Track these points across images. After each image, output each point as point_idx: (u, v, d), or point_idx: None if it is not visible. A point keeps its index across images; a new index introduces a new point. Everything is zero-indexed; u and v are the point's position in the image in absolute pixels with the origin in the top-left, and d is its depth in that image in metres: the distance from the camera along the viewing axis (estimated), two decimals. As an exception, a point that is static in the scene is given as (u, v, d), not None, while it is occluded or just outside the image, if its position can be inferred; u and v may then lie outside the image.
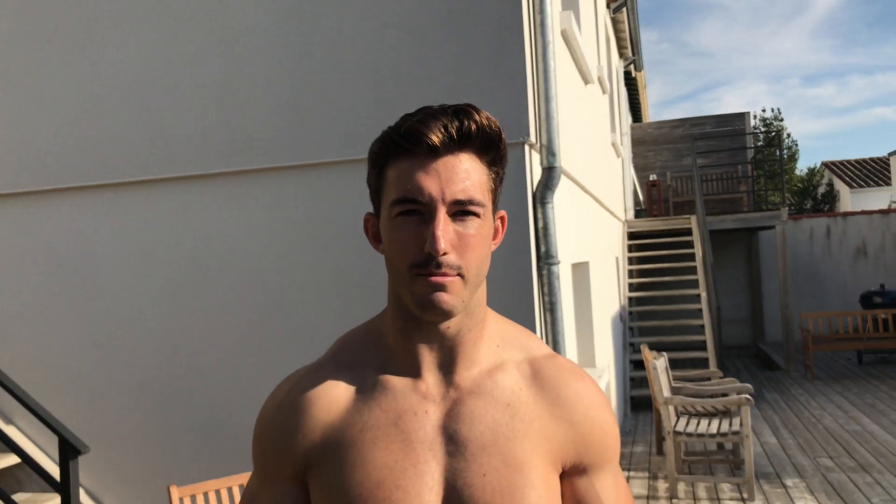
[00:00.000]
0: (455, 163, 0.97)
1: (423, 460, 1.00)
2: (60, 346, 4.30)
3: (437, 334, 1.03)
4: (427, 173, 0.96)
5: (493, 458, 1.00)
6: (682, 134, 15.72)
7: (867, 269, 14.02)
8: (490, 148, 1.01)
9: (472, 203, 0.97)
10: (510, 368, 1.07)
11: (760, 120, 28.32)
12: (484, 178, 1.00)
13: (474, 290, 1.00)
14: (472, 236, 0.97)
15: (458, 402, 1.03)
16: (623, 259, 10.20)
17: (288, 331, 3.96)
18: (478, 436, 1.01)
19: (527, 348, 1.11)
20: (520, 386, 1.05)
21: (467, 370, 1.05)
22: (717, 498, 5.64)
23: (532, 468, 1.01)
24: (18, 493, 4.21)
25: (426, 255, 0.95)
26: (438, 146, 0.96)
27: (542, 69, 3.80)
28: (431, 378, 1.04)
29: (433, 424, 1.02)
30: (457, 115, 0.98)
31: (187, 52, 4.10)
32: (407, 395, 1.03)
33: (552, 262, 3.70)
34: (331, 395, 1.05)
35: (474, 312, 1.04)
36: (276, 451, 1.05)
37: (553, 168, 3.77)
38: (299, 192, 3.97)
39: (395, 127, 0.99)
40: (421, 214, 0.96)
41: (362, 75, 3.86)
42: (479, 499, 0.98)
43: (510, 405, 1.03)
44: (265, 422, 1.08)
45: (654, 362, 6.19)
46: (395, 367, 1.05)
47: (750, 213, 11.63)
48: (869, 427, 7.59)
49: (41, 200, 4.35)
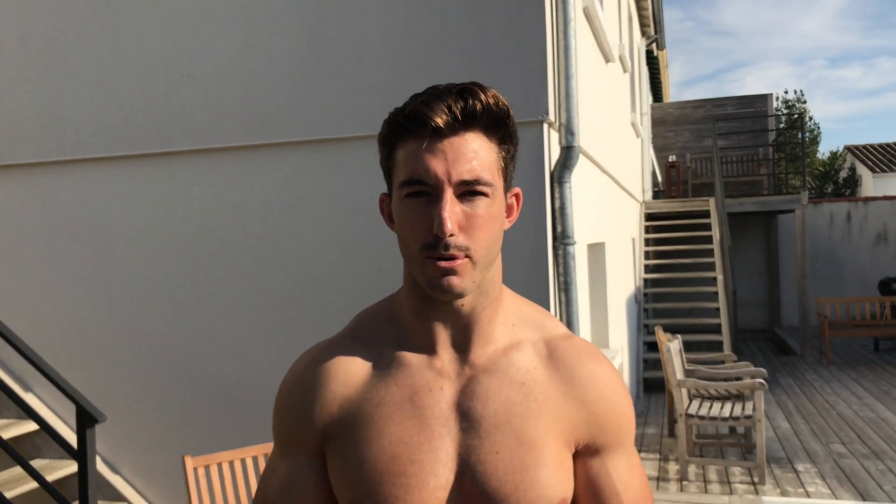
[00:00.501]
0: (461, 143, 0.97)
1: (438, 436, 1.01)
2: (77, 316, 4.34)
3: (451, 312, 1.03)
4: (433, 154, 0.96)
5: (507, 435, 1.01)
6: (703, 115, 15.55)
7: (887, 256, 13.87)
8: (498, 126, 1.00)
9: (479, 183, 0.96)
10: (526, 347, 1.07)
11: (783, 102, 27.97)
12: (493, 157, 0.99)
13: (485, 269, 1.00)
14: (481, 216, 0.97)
15: (472, 380, 1.04)
16: (639, 240, 10.14)
17: (302, 304, 3.98)
18: (492, 413, 1.02)
19: (543, 328, 1.10)
20: (535, 365, 1.06)
21: (482, 348, 1.05)
22: (728, 481, 5.64)
23: (545, 447, 1.02)
24: (36, 458, 4.29)
25: (434, 237, 0.95)
26: (443, 127, 0.96)
27: (563, 47, 3.75)
28: (447, 355, 1.05)
29: (448, 401, 1.03)
30: (461, 94, 0.97)
31: (205, 26, 4.09)
32: (422, 371, 1.04)
33: (568, 243, 3.68)
34: (348, 370, 1.06)
35: (489, 290, 1.04)
36: (295, 423, 1.07)
37: (571, 147, 3.74)
38: (314, 167, 3.96)
39: (401, 108, 0.99)
40: (428, 195, 0.96)
41: (379, 51, 3.84)
42: (492, 475, 0.99)
43: (524, 384, 1.04)
44: (284, 395, 1.10)
45: (667, 344, 6.18)
46: (411, 344, 1.06)
47: (770, 197, 11.51)
48: (883, 414, 7.55)
49: (60, 171, 4.38)
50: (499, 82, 3.62)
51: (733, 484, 5.58)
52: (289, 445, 1.08)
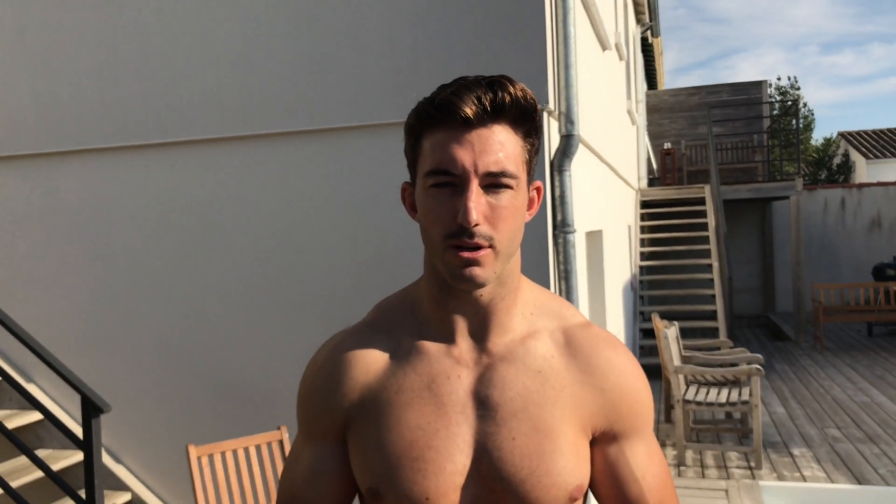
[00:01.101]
0: (489, 135, 0.98)
1: (455, 423, 1.03)
2: (79, 306, 4.35)
3: (470, 302, 1.05)
4: (461, 145, 0.97)
5: (523, 423, 1.03)
6: (697, 102, 15.56)
7: (881, 242, 13.94)
8: (525, 119, 1.01)
9: (504, 175, 0.97)
10: (543, 336, 1.08)
11: (776, 88, 27.98)
12: (518, 150, 1.01)
13: (506, 261, 1.01)
14: (505, 208, 0.98)
15: (490, 368, 1.05)
16: (635, 227, 10.18)
17: (303, 293, 4.00)
18: (508, 401, 1.03)
19: (561, 316, 1.12)
20: (552, 353, 1.07)
21: (500, 337, 1.07)
22: (725, 466, 5.70)
23: (561, 434, 1.03)
24: (39, 449, 4.30)
25: (458, 226, 0.96)
26: (472, 118, 0.96)
27: (563, 35, 3.76)
28: (465, 344, 1.07)
29: (465, 389, 1.05)
30: (491, 86, 0.98)
31: (204, 17, 4.08)
32: (440, 359, 1.06)
33: (568, 231, 3.70)
34: (369, 358, 1.09)
35: (507, 281, 1.06)
36: (318, 410, 1.10)
37: (571, 136, 3.75)
38: (314, 157, 3.97)
39: (429, 98, 1.00)
40: (454, 186, 0.98)
41: (378, 41, 3.84)
42: (508, 461, 1.01)
43: (541, 372, 1.05)
44: (308, 383, 1.13)
45: (664, 331, 6.22)
46: (430, 332, 1.08)
47: (764, 183, 11.55)
48: (877, 398, 7.63)
49: (60, 162, 4.37)
50: (499, 71, 3.63)
51: (730, 469, 5.64)
52: (313, 432, 1.11)
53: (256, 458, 3.29)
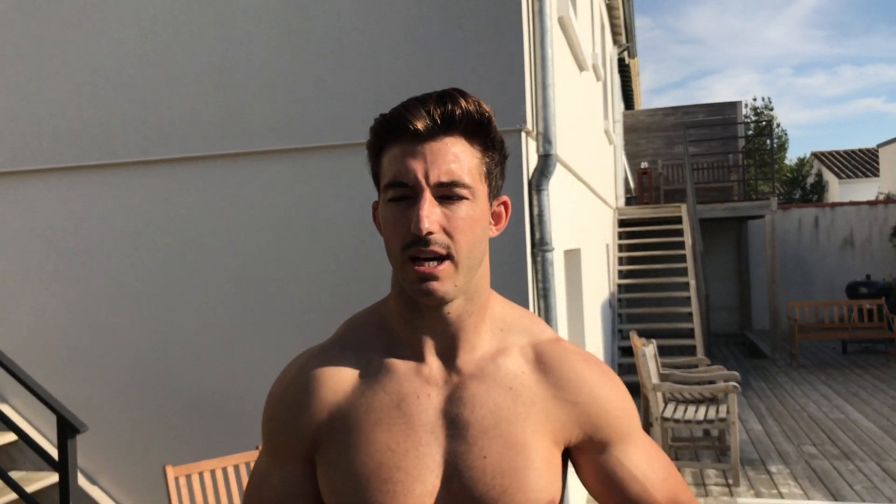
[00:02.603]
0: (441, 146, 0.98)
1: (425, 443, 1.02)
2: (55, 325, 4.31)
3: (438, 319, 1.04)
4: (413, 157, 0.98)
5: (494, 440, 1.02)
6: (674, 122, 15.75)
7: (854, 260, 14.16)
8: (478, 132, 1.02)
9: (457, 185, 0.98)
10: (513, 352, 1.08)
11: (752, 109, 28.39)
12: (475, 162, 1.01)
13: (468, 273, 1.01)
14: (462, 219, 0.98)
15: (459, 386, 1.05)
16: (613, 246, 10.26)
17: (282, 313, 3.99)
18: (479, 419, 1.03)
19: (531, 332, 1.12)
20: (522, 369, 1.07)
21: (469, 354, 1.06)
22: (703, 483, 5.73)
23: (533, 450, 1.03)
24: (12, 470, 4.24)
25: (413, 236, 0.96)
26: (422, 131, 0.98)
27: (540, 56, 3.82)
28: (434, 362, 1.06)
29: (435, 408, 1.04)
30: (441, 99, 0.99)
31: (184, 34, 4.09)
32: (410, 378, 1.05)
33: (546, 249, 3.73)
34: (337, 377, 1.07)
35: (475, 297, 1.05)
36: (285, 431, 1.08)
37: (549, 156, 3.80)
38: (294, 176, 3.98)
39: (384, 115, 1.02)
40: (409, 198, 0.98)
41: (359, 60, 3.87)
42: (480, 480, 1.01)
43: (512, 388, 1.05)
44: (275, 403, 1.10)
45: (642, 349, 6.26)
46: (399, 350, 1.07)
47: (740, 202, 11.70)
48: (852, 415, 7.71)
49: (37, 180, 4.34)
50: (478, 91, 3.67)
51: (708, 486, 5.66)
52: (280, 454, 1.09)
53: (234, 477, 3.26)
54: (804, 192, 25.98)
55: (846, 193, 23.22)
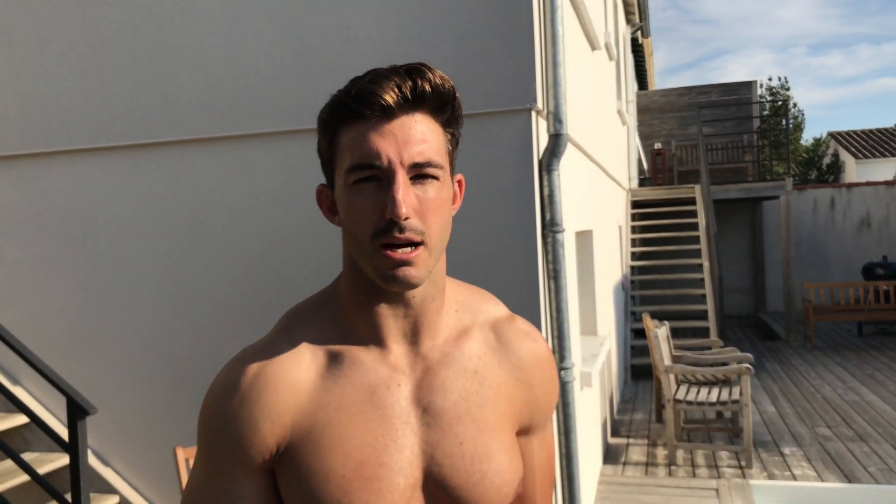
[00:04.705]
0: (411, 124, 0.93)
1: (402, 434, 0.99)
2: (66, 308, 4.32)
3: (401, 304, 0.99)
4: (382, 136, 0.91)
5: (468, 426, 1.01)
6: (688, 102, 15.60)
7: (870, 241, 14.01)
8: (444, 108, 0.97)
9: (430, 165, 0.93)
10: (474, 334, 1.07)
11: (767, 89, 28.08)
12: (441, 140, 0.97)
13: (438, 256, 0.97)
14: (433, 200, 0.94)
15: (427, 373, 1.02)
16: (626, 228, 10.19)
17: (292, 294, 3.98)
18: (451, 405, 1.01)
19: (485, 311, 1.10)
20: (484, 351, 1.06)
21: (432, 339, 1.03)
22: (716, 465, 5.70)
23: (501, 432, 1.04)
24: (26, 452, 4.27)
25: (388, 222, 0.90)
26: (392, 107, 0.92)
27: (550, 35, 3.76)
28: (398, 349, 1.01)
29: (406, 397, 1.00)
30: (409, 74, 0.93)
31: (191, 15, 4.06)
32: (376, 368, 1.00)
33: (557, 230, 3.69)
34: (295, 376, 0.98)
35: (437, 280, 1.01)
36: (239, 442, 0.97)
37: (559, 135, 3.75)
38: (303, 157, 3.95)
39: (345, 90, 0.95)
40: (379, 180, 0.92)
41: (367, 40, 3.82)
42: (460, 467, 0.99)
43: (478, 372, 1.04)
44: (220, 411, 0.98)
45: (655, 331, 6.22)
46: (358, 340, 1.01)
47: (754, 183, 11.59)
48: (867, 397, 7.65)
49: (45, 162, 4.34)
50: (487, 70, 3.62)
51: (721, 468, 5.64)
52: (230, 466, 0.98)
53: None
54: (820, 172, 25.72)
55: (863, 173, 22.96)
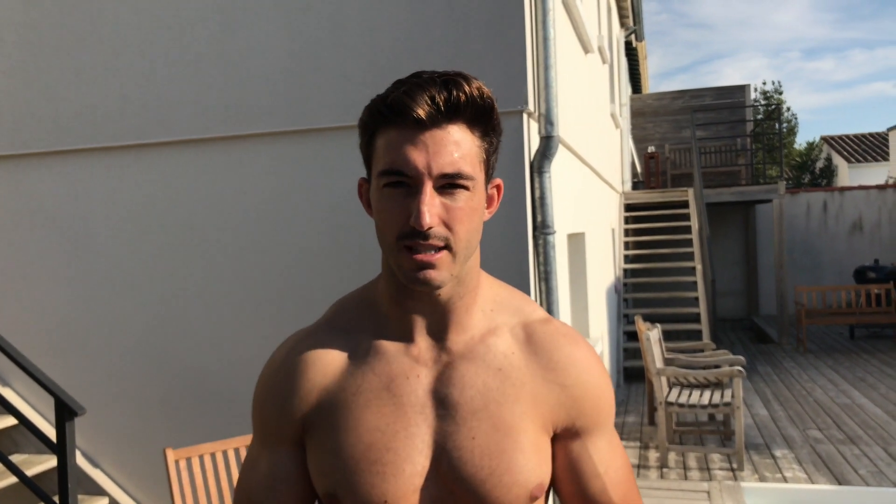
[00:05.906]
0: (443, 135, 0.94)
1: (414, 423, 1.02)
2: (55, 308, 4.30)
3: (428, 301, 1.03)
4: (414, 145, 0.94)
5: (483, 421, 1.01)
6: (681, 106, 15.64)
7: (862, 244, 14.06)
8: (481, 118, 0.98)
9: (460, 177, 0.95)
10: (503, 333, 1.07)
11: (760, 93, 28.15)
12: (475, 150, 0.98)
13: (464, 262, 0.99)
14: (461, 209, 0.96)
15: (449, 367, 1.04)
16: (619, 230, 10.20)
17: (282, 295, 3.97)
18: (468, 400, 1.02)
19: (521, 312, 1.10)
20: (512, 350, 1.06)
21: (459, 335, 1.05)
22: (708, 468, 5.71)
23: (521, 432, 1.02)
24: (14, 454, 4.25)
25: (411, 228, 0.94)
26: (424, 119, 0.93)
27: (542, 37, 3.76)
28: (423, 343, 1.05)
29: (424, 388, 1.03)
30: (446, 85, 0.94)
31: (183, 16, 4.05)
32: (399, 359, 1.04)
33: (548, 232, 3.69)
34: (326, 359, 1.06)
35: (466, 280, 1.04)
36: (275, 415, 1.07)
37: (551, 137, 3.75)
38: (294, 158, 3.95)
39: (383, 96, 0.97)
40: (408, 186, 0.95)
41: (358, 41, 3.82)
42: (468, 461, 1.00)
43: (502, 369, 1.04)
44: (264, 386, 1.10)
45: (647, 333, 6.23)
46: (389, 332, 1.06)
47: (747, 187, 11.61)
48: (858, 400, 7.67)
49: (37, 163, 4.32)
50: (478, 72, 3.62)
51: (713, 471, 5.64)
52: (269, 437, 1.08)
53: (235, 460, 3.25)
54: (813, 176, 25.80)
55: (856, 178, 23.05)
